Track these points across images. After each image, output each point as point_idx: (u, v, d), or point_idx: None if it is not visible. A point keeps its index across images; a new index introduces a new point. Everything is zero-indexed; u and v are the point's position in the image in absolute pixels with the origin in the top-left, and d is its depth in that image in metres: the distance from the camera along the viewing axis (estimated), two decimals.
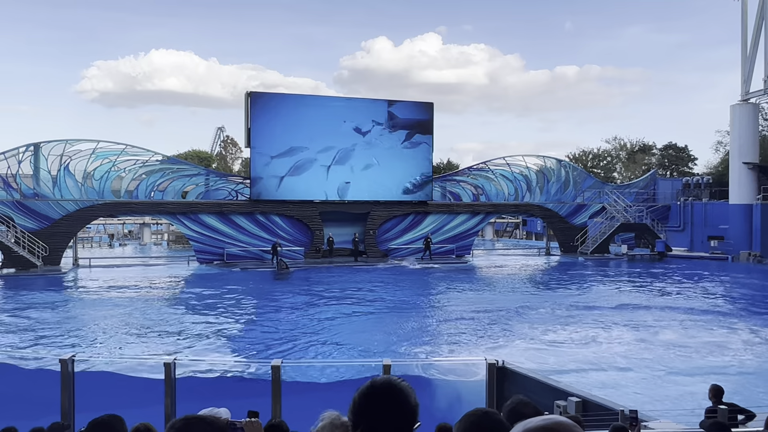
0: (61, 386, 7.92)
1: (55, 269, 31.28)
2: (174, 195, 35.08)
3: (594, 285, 27.53)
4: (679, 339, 16.04)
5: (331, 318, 18.95)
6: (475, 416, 2.16)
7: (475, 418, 2.15)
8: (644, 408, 8.26)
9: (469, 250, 40.29)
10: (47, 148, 32.48)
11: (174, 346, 15.08)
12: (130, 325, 17.68)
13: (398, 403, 1.93)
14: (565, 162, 45.34)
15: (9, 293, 24.48)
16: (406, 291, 25.58)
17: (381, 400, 1.93)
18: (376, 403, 1.93)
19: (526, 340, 15.78)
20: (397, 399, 1.93)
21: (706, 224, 41.32)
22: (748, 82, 39.69)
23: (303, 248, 36.13)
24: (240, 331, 17.40)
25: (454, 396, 9.43)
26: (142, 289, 25.80)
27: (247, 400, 8.92)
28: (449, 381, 10.62)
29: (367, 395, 1.94)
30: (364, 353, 14.30)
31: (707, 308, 21.12)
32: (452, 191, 40.66)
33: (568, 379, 10.81)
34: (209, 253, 34.72)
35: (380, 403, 1.92)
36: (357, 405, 1.94)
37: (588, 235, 41.32)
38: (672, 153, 70.66)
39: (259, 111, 35.03)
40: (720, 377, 11.16)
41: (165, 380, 8.02)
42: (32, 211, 31.70)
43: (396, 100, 38.37)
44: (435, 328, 18.07)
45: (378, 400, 1.93)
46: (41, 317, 18.95)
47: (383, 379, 2.00)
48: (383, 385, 1.96)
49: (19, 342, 15.58)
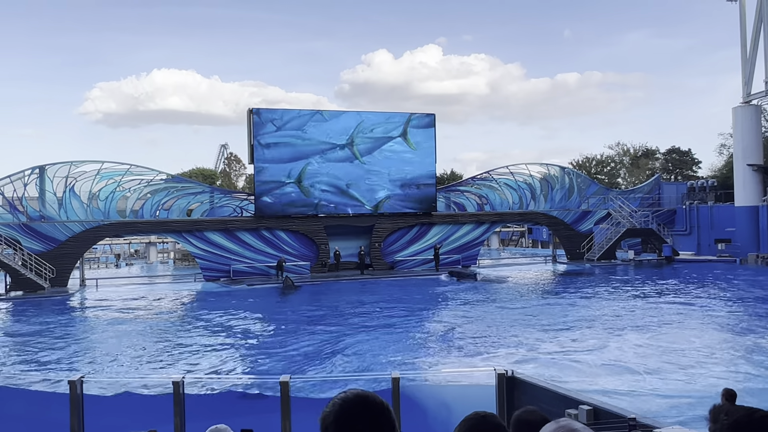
0: (71, 408, 7.91)
1: (63, 290, 31.34)
2: (179, 213, 35.19)
3: (627, 298, 26.43)
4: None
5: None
6: (473, 420, 2.17)
7: (473, 421, 2.16)
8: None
9: (475, 260, 40.19)
10: (52, 170, 32.69)
11: (182, 364, 15.05)
12: (138, 345, 17.67)
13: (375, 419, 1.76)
14: (568, 169, 45.32)
15: (17, 316, 24.53)
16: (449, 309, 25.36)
17: (355, 420, 1.74)
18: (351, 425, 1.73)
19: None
20: (373, 415, 1.76)
21: (713, 227, 41.16)
22: (749, 84, 39.69)
23: (309, 263, 36.10)
24: (250, 349, 17.35)
25: (464, 407, 9.36)
26: (150, 308, 25.81)
27: (257, 417, 8.90)
28: (458, 390, 10.56)
29: (338, 418, 1.75)
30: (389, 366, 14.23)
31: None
32: (456, 201, 40.65)
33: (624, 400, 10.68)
34: (215, 270, 34.74)
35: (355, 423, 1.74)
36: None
37: (594, 242, 41.19)
38: (676, 157, 70.54)
39: (262, 127, 35.19)
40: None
41: (174, 399, 8.00)
42: (39, 233, 31.83)
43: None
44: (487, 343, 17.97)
45: (352, 421, 1.74)
46: (49, 339, 18.95)
47: (352, 396, 1.79)
48: (354, 403, 1.77)
49: (28, 364, 15.59)
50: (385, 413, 1.77)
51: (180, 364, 15.22)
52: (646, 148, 73.09)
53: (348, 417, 1.73)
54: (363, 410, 1.75)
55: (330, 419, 1.74)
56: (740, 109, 40.12)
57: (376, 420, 1.75)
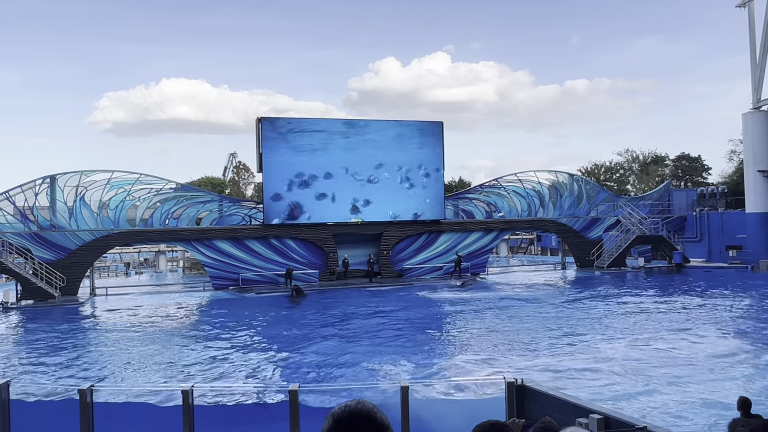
0: (81, 417, 7.93)
1: (73, 299, 31.49)
2: (188, 222, 35.34)
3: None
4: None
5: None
6: (484, 428, 2.21)
7: (484, 429, 2.21)
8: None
9: (484, 267, 40.06)
10: (63, 180, 32.95)
11: (192, 373, 15.06)
12: (147, 354, 17.71)
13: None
14: (577, 176, 45.17)
15: (28, 325, 24.65)
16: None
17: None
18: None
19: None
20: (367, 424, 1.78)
21: (724, 234, 40.86)
22: (759, 90, 39.48)
23: (317, 271, 36.12)
24: (259, 357, 17.35)
25: (474, 416, 9.31)
26: (159, 317, 25.87)
27: (266, 426, 8.88)
28: (469, 401, 10.51)
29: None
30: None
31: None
32: (465, 209, 40.59)
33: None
34: (224, 278, 34.82)
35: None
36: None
37: (603, 249, 40.98)
38: (685, 163, 70.19)
39: (270, 135, 35.33)
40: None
41: (183, 408, 8.01)
42: (49, 242, 32.05)
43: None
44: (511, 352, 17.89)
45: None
46: (59, 348, 19.03)
47: (347, 414, 1.79)
48: (348, 420, 1.78)
49: (39, 373, 15.65)
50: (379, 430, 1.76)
51: (189, 372, 15.23)
52: (655, 154, 72.80)
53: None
54: (357, 427, 1.75)
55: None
56: (750, 115, 39.89)
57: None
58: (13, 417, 8.33)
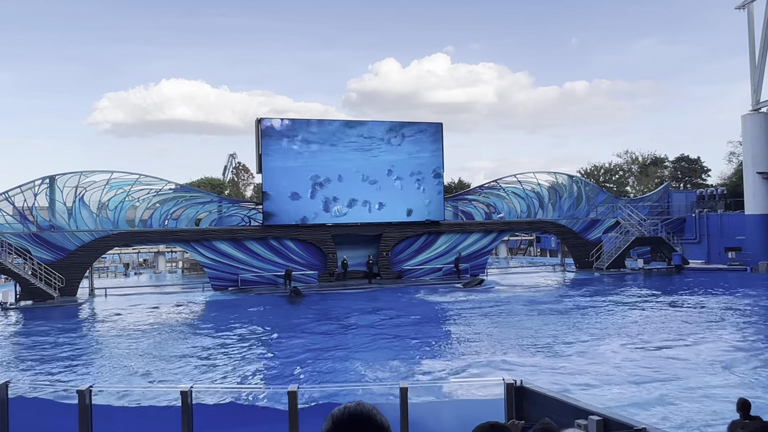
0: (79, 418, 7.92)
1: (72, 300, 31.47)
2: (187, 223, 35.34)
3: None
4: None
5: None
6: (482, 429, 2.24)
7: (483, 430, 2.23)
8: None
9: (483, 269, 40.05)
10: (62, 180, 32.95)
11: (191, 374, 15.06)
12: (147, 355, 17.70)
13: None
14: (576, 177, 45.20)
15: (27, 325, 24.64)
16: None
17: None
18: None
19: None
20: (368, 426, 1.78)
21: (723, 236, 40.89)
22: (758, 92, 39.53)
23: (316, 272, 36.12)
24: (258, 358, 17.35)
25: (473, 417, 9.30)
26: (158, 317, 25.86)
27: (265, 426, 8.87)
28: (468, 402, 10.50)
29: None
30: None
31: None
32: (464, 210, 40.59)
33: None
34: (223, 279, 34.82)
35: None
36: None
37: (603, 250, 40.99)
38: (685, 165, 70.22)
39: (270, 136, 35.33)
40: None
41: (182, 409, 7.99)
42: (48, 242, 32.04)
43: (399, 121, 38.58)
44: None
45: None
46: (59, 348, 19.02)
47: (347, 416, 1.79)
48: (348, 421, 1.77)
49: (37, 373, 15.64)
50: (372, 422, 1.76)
51: (189, 373, 15.22)
52: (654, 156, 72.85)
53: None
54: (357, 429, 1.75)
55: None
56: (749, 116, 39.93)
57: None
58: (12, 417, 8.32)
